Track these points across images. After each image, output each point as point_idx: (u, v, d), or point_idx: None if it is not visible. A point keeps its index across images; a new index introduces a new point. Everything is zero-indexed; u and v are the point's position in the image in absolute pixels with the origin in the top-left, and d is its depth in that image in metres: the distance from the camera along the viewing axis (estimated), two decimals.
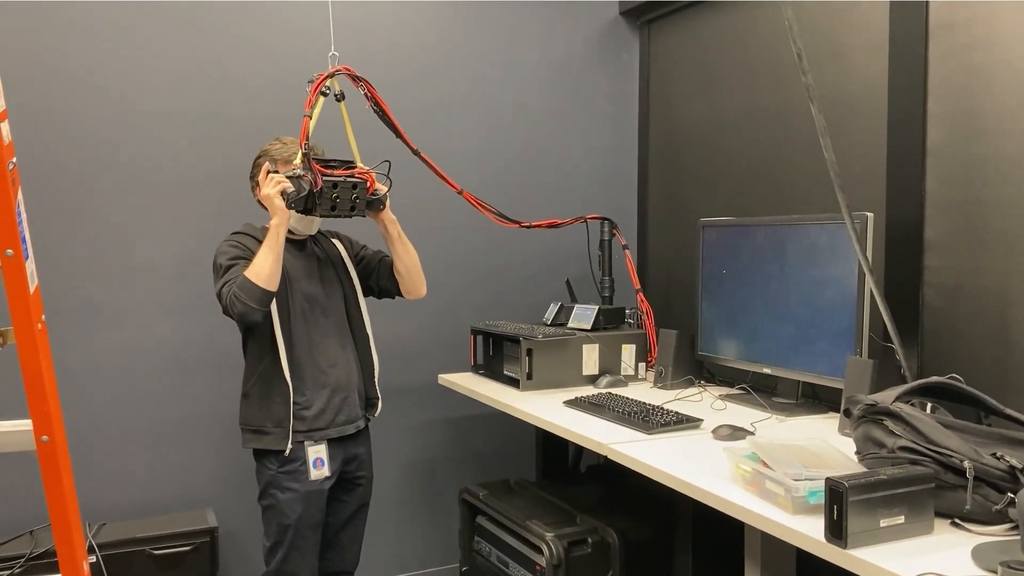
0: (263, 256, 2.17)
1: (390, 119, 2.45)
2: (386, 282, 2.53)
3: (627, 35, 3.55)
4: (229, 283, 2.18)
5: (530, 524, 2.54)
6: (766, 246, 2.57)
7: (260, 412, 2.31)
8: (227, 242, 2.31)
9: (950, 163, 2.23)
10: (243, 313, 2.15)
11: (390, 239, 2.45)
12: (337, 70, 2.29)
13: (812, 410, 2.42)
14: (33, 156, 2.63)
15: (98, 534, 2.62)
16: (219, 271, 2.23)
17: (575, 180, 3.48)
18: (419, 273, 2.51)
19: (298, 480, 2.31)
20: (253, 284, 2.15)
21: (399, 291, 2.54)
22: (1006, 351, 2.10)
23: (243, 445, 2.36)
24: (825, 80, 2.57)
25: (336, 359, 2.39)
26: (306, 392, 2.32)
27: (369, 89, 2.37)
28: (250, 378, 2.33)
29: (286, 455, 2.29)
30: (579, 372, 2.85)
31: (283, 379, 2.28)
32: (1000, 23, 2.10)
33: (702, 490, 1.77)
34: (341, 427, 2.39)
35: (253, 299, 2.15)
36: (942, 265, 2.26)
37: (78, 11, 2.72)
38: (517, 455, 3.39)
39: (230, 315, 2.19)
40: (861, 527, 1.42)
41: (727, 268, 2.73)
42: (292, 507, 2.31)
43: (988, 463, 1.50)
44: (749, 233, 2.64)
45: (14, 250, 1.30)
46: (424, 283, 2.54)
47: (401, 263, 2.48)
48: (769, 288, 2.55)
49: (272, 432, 2.30)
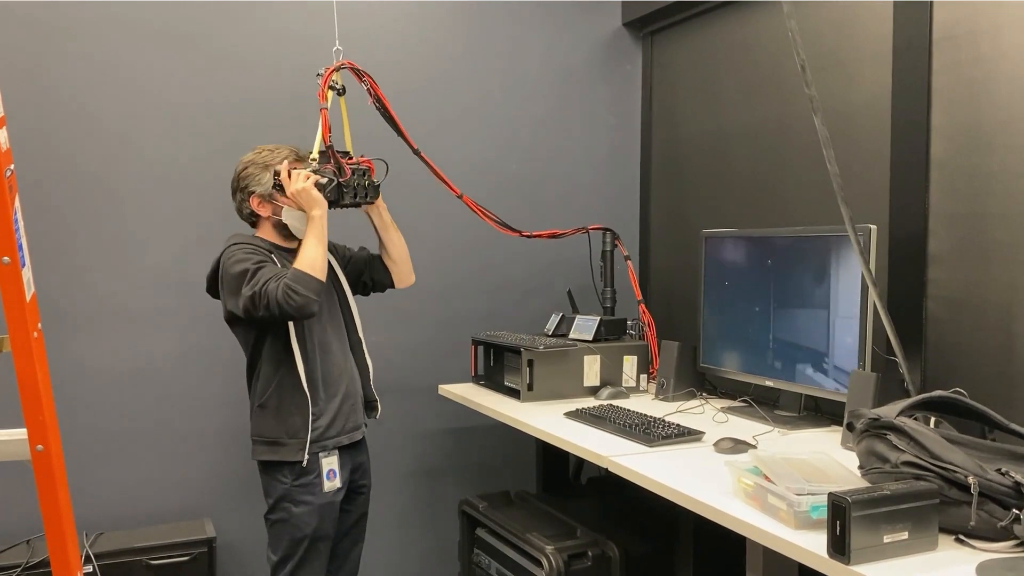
0: (313, 247, 2.18)
1: (391, 116, 2.45)
2: (380, 274, 2.55)
3: (630, 46, 3.55)
4: (273, 279, 2.12)
5: (530, 537, 2.52)
6: (769, 258, 2.55)
7: (277, 424, 2.27)
8: (238, 248, 2.24)
9: (954, 175, 2.22)
10: (302, 305, 2.11)
11: (383, 226, 2.46)
12: (342, 64, 2.31)
13: (814, 423, 2.40)
14: (32, 162, 2.62)
15: (95, 543, 2.60)
16: (245, 275, 2.16)
17: (577, 190, 3.47)
18: (409, 260, 2.56)
19: (312, 493, 2.29)
20: (309, 275, 2.14)
21: (392, 282, 2.56)
22: (1010, 365, 2.08)
23: (255, 457, 2.32)
24: (828, 91, 2.56)
25: (342, 367, 2.38)
26: (320, 402, 2.30)
27: (372, 85, 2.38)
28: (267, 389, 2.28)
29: (303, 466, 2.26)
30: (580, 383, 2.84)
31: (301, 390, 2.25)
32: (1005, 36, 2.09)
33: (703, 504, 1.75)
34: (351, 434, 2.39)
35: (312, 290, 2.13)
36: (946, 278, 2.25)
37: (78, 15, 2.72)
38: (517, 466, 3.37)
39: (274, 314, 2.12)
40: (864, 543, 1.40)
41: (729, 280, 2.72)
42: (307, 520, 2.28)
43: (993, 479, 1.49)
44: (752, 244, 2.64)
45: (11, 257, 1.30)
46: (412, 270, 2.58)
47: (394, 250, 2.50)
48: (771, 300, 2.54)
49: (288, 443, 2.27)
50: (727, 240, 2.74)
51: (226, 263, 2.23)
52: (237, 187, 2.35)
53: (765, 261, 2.57)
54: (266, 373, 2.29)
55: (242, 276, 2.17)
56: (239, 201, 2.35)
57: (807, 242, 2.42)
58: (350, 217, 2.48)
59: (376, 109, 2.44)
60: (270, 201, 2.32)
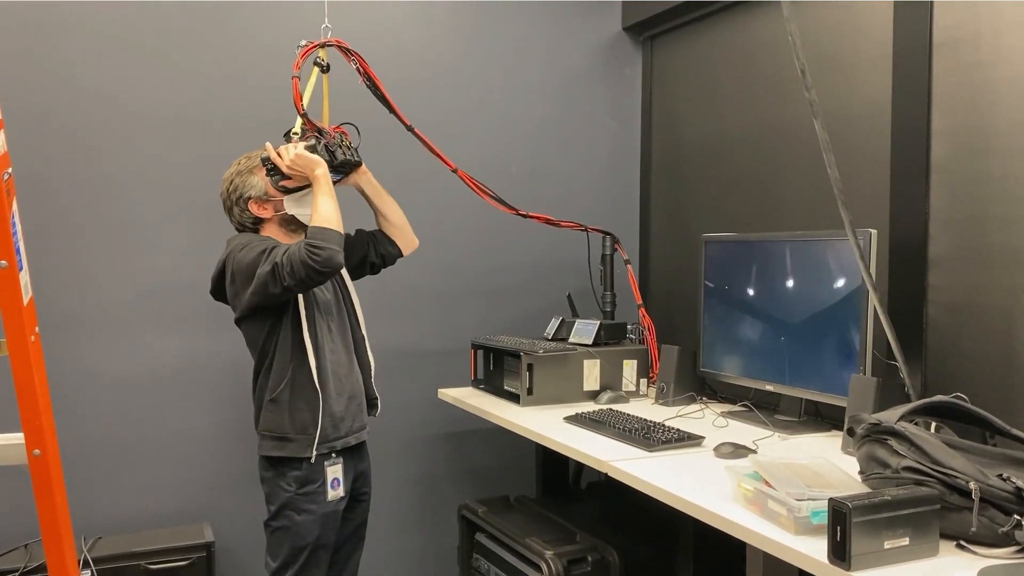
0: (325, 203, 2.15)
1: (383, 94, 2.45)
2: (386, 246, 2.54)
3: (630, 50, 3.56)
4: (293, 247, 2.08)
5: (529, 541, 2.51)
6: (769, 262, 2.55)
7: (288, 419, 2.24)
8: (247, 242, 2.21)
9: (954, 180, 2.22)
10: (328, 258, 2.06)
11: (376, 192, 2.46)
12: (328, 41, 2.31)
13: (815, 428, 2.40)
14: (30, 166, 2.62)
15: (93, 548, 2.59)
16: (261, 256, 2.12)
17: (577, 194, 3.47)
18: (407, 223, 2.54)
19: (315, 502, 2.26)
20: (327, 228, 2.11)
21: (399, 250, 2.56)
22: (1011, 370, 2.08)
23: (261, 452, 2.28)
24: (828, 96, 2.56)
25: (347, 364, 2.36)
26: (330, 398, 2.28)
27: (361, 63, 2.38)
28: (279, 384, 2.24)
29: (308, 473, 2.24)
30: (580, 388, 2.84)
31: (312, 385, 2.23)
32: (1005, 40, 2.09)
33: (703, 509, 1.74)
34: (357, 433, 2.37)
35: (334, 241, 2.09)
36: (946, 283, 2.24)
37: (80, 18, 2.72)
38: (517, 471, 3.36)
39: (300, 278, 2.06)
40: (865, 549, 1.40)
41: (729, 284, 2.71)
42: (309, 529, 2.26)
43: (994, 484, 1.48)
44: (752, 249, 2.63)
45: (8, 261, 1.29)
46: (413, 233, 2.57)
47: (392, 214, 2.50)
48: (771, 304, 2.53)
49: (296, 439, 2.24)
50: (727, 244, 2.74)
51: (236, 255, 2.20)
52: (232, 202, 2.31)
53: (765, 265, 2.56)
54: (279, 367, 2.25)
55: (257, 258, 2.13)
56: (238, 214, 2.32)
57: (807, 246, 2.42)
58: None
59: (367, 87, 2.43)
60: (268, 199, 2.30)
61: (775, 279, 2.52)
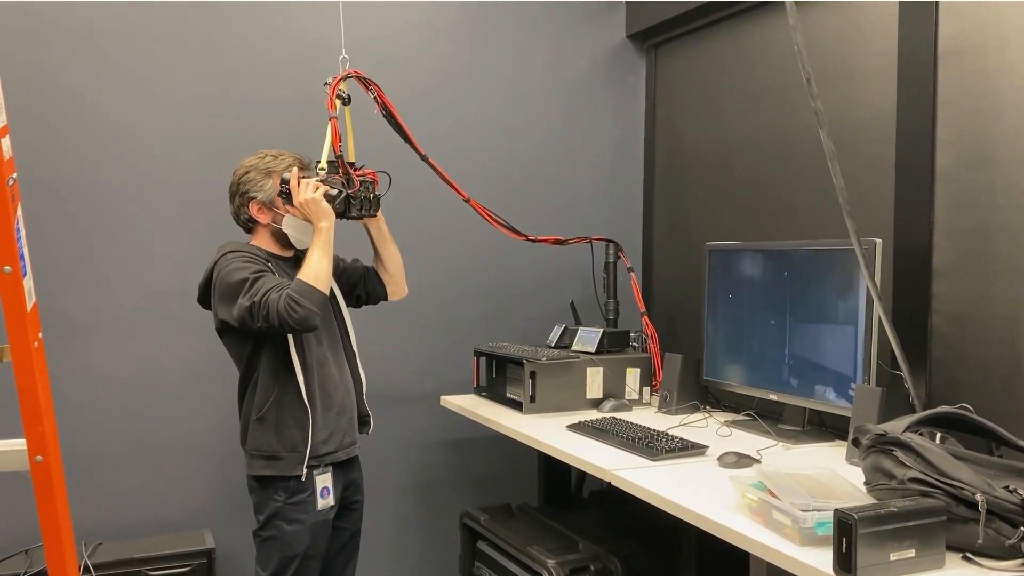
0: (318, 260, 2.15)
1: (399, 123, 2.46)
2: (375, 287, 2.53)
3: (634, 58, 3.56)
4: (274, 290, 2.09)
5: (531, 550, 2.50)
6: (773, 271, 2.55)
7: (276, 437, 2.23)
8: (235, 257, 2.20)
9: (959, 189, 2.21)
10: (304, 318, 2.07)
11: (381, 239, 2.45)
12: (348, 73, 2.31)
13: (819, 438, 2.39)
14: (34, 171, 2.62)
15: (94, 554, 2.59)
16: (244, 285, 2.12)
17: (580, 202, 3.47)
18: (403, 273, 2.54)
19: (305, 511, 2.25)
20: (313, 288, 2.11)
21: (386, 295, 2.54)
22: (1016, 380, 2.07)
23: (250, 471, 2.27)
24: (833, 104, 2.55)
25: (338, 380, 2.35)
26: (318, 416, 2.26)
27: (379, 93, 2.39)
28: (265, 402, 2.23)
29: (302, 480, 2.22)
30: (583, 396, 2.83)
31: (301, 403, 2.22)
32: (1011, 49, 2.09)
33: (707, 519, 1.74)
34: (348, 449, 2.36)
35: (316, 303, 2.10)
36: (951, 292, 2.24)
37: (84, 19, 2.72)
38: (519, 479, 3.35)
39: (273, 325, 2.08)
40: (871, 560, 1.39)
41: (733, 292, 2.70)
42: (299, 539, 2.24)
43: (1001, 496, 1.47)
44: (756, 257, 2.63)
45: (12, 267, 1.29)
46: (405, 283, 2.56)
47: (391, 263, 2.49)
48: (775, 313, 2.53)
49: (286, 457, 2.23)
50: (731, 253, 2.73)
51: (222, 271, 2.18)
52: (236, 191, 2.31)
53: (769, 274, 2.56)
54: (264, 386, 2.24)
55: (240, 285, 2.12)
56: (237, 205, 2.32)
57: (812, 255, 2.41)
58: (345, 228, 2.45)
59: (383, 116, 2.43)
60: (271, 208, 2.29)
61: (779, 288, 2.51)
